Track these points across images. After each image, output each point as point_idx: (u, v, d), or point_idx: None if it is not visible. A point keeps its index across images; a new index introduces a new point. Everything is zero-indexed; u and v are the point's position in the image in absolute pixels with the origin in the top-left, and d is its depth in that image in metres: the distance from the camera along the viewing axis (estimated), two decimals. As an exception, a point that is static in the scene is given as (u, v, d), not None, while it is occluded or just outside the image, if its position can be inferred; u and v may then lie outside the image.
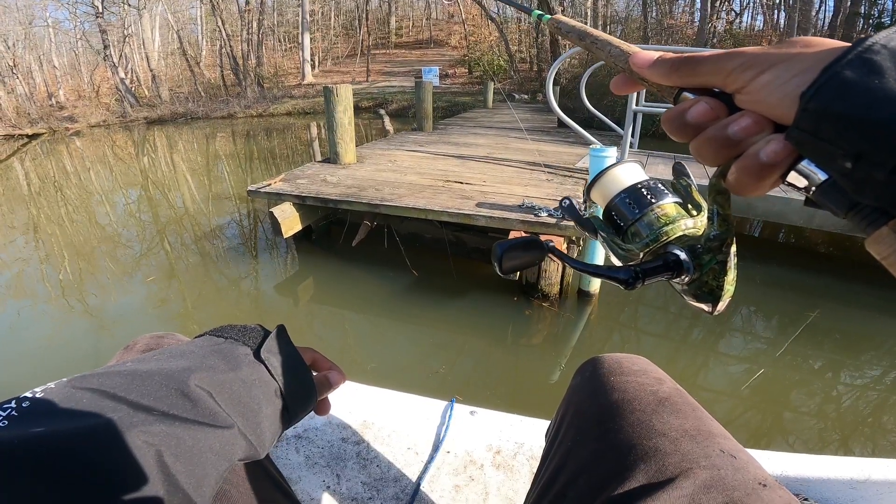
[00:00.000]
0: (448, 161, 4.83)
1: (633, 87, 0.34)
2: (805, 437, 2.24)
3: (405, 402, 0.98)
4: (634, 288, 0.36)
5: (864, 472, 0.77)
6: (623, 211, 0.41)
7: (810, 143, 0.23)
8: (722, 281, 0.35)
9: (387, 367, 2.66)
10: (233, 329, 0.47)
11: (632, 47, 0.34)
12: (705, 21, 14.00)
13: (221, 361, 0.41)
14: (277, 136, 12.27)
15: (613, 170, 0.43)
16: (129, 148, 11.93)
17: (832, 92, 0.21)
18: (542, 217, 3.02)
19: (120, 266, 4.18)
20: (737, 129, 0.26)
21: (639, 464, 0.45)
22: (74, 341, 3.00)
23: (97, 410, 0.33)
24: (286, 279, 3.80)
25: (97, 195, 6.95)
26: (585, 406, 0.56)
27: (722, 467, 0.44)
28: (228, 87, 20.82)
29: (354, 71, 22.08)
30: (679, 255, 0.36)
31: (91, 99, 20.07)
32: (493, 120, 8.83)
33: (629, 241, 0.41)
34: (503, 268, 0.40)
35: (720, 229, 0.34)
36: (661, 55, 0.31)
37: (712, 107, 0.27)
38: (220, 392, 0.39)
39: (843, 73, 0.21)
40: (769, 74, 0.24)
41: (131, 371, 0.37)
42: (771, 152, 0.24)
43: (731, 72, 0.26)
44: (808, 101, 0.22)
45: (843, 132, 0.21)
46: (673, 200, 0.40)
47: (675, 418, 0.50)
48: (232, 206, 5.78)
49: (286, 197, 3.61)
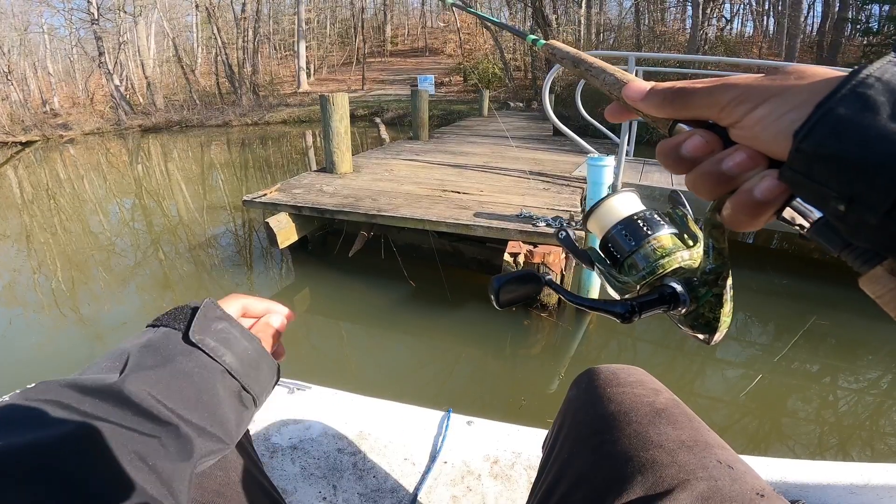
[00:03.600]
0: (445, 170, 4.84)
1: (627, 116, 0.34)
2: (804, 443, 2.25)
3: (402, 413, 0.98)
4: (631, 322, 0.36)
5: (864, 477, 0.77)
6: (619, 243, 0.41)
7: (803, 184, 0.22)
8: (718, 313, 0.35)
9: (384, 377, 2.64)
10: (166, 315, 0.43)
11: (626, 76, 0.33)
12: (697, 28, 14.19)
13: (153, 356, 0.39)
14: (273, 145, 12.26)
15: (609, 200, 0.43)
16: (124, 156, 11.89)
17: (825, 131, 0.21)
18: (540, 227, 3.03)
19: (113, 275, 4.16)
20: (731, 165, 0.25)
21: (636, 475, 0.45)
22: (67, 350, 2.98)
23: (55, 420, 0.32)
24: (282, 290, 3.78)
25: (91, 203, 6.91)
26: (582, 417, 0.57)
27: (719, 478, 0.44)
28: (224, 95, 20.80)
29: (350, 79, 22.14)
30: (675, 287, 0.36)
31: (85, 106, 20.01)
32: (488, 128, 8.86)
33: (626, 274, 0.41)
34: (500, 301, 0.40)
35: (716, 263, 0.34)
36: (653, 87, 0.30)
37: (707, 140, 0.27)
38: (160, 390, 0.36)
39: (837, 110, 0.21)
40: (763, 109, 0.24)
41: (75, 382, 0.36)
42: (765, 189, 0.24)
43: (724, 106, 0.25)
44: (801, 140, 0.22)
45: (835, 174, 0.21)
46: (669, 232, 0.40)
47: (671, 429, 0.50)
48: (227, 216, 5.76)
49: (282, 207, 3.60)
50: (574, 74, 0.39)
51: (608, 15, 21.18)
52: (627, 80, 0.33)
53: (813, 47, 15.42)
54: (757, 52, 17.13)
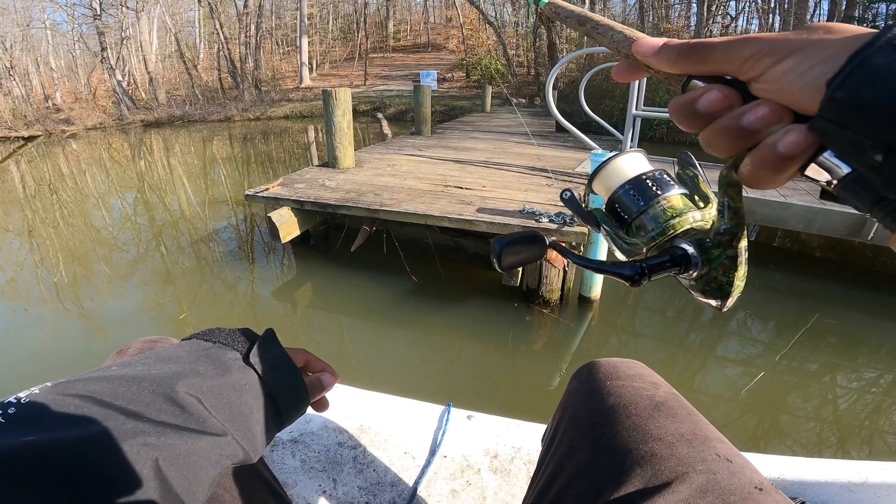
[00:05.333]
0: (447, 165, 4.83)
1: (637, 75, 0.32)
2: (803, 441, 2.25)
3: (402, 407, 0.98)
4: (640, 284, 0.35)
5: (862, 475, 0.77)
6: (627, 203, 0.40)
7: (837, 134, 0.21)
8: (732, 276, 0.34)
9: (385, 371, 2.65)
10: (221, 333, 0.47)
11: (636, 33, 0.32)
12: (701, 25, 14.13)
13: (210, 367, 0.41)
14: (275, 140, 12.27)
15: (617, 160, 0.42)
16: (126, 151, 11.91)
17: (861, 78, 0.20)
18: (543, 223, 3.02)
19: (115, 270, 4.16)
20: (753, 119, 0.24)
21: (635, 468, 0.45)
22: (69, 344, 2.99)
23: (88, 417, 0.32)
24: (283, 284, 3.78)
25: (93, 198, 6.93)
26: (581, 411, 0.56)
27: (718, 472, 0.44)
28: (226, 90, 20.84)
29: (352, 74, 22.13)
30: (687, 249, 0.35)
31: (88, 101, 20.04)
32: (491, 124, 8.85)
33: (634, 235, 0.39)
34: (503, 264, 0.39)
35: (731, 223, 0.32)
36: (666, 41, 0.29)
37: (726, 94, 0.26)
38: (210, 398, 0.38)
39: (873, 59, 0.20)
40: (790, 62, 0.23)
41: (118, 376, 0.36)
42: (790, 143, 0.23)
43: (746, 59, 0.24)
44: (836, 89, 0.21)
45: (873, 122, 0.20)
46: (679, 192, 0.39)
47: (671, 423, 0.50)
48: (228, 211, 5.77)
49: (284, 202, 3.60)
50: (580, 33, 0.37)
51: (612, 11, 21.12)
52: (637, 36, 0.31)
53: None
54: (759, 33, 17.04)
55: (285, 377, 0.46)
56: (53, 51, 23.35)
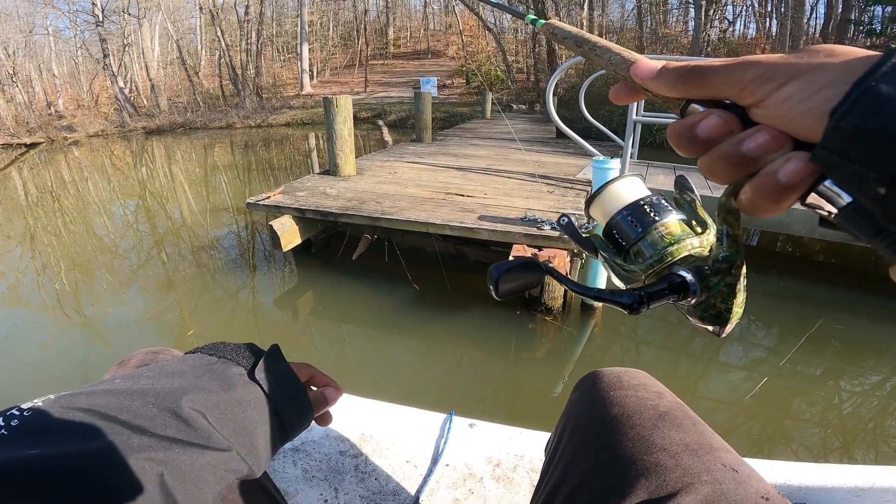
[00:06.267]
0: (448, 173, 4.85)
1: (635, 97, 0.32)
2: (809, 445, 2.24)
3: (403, 415, 0.98)
4: (639, 313, 0.35)
5: (868, 480, 0.77)
6: (625, 229, 0.39)
7: (840, 165, 0.21)
8: (730, 304, 0.34)
9: (387, 380, 2.64)
10: (226, 347, 0.47)
11: (633, 55, 0.32)
12: (699, 30, 14.18)
13: (215, 382, 0.41)
14: (276, 147, 12.31)
15: (614, 185, 0.41)
16: (127, 158, 11.95)
17: (867, 108, 0.19)
18: (545, 230, 3.02)
19: (117, 277, 4.17)
20: (753, 146, 0.24)
21: (639, 479, 0.45)
22: (70, 351, 2.99)
23: (93, 431, 0.33)
24: (285, 292, 3.78)
25: (95, 205, 6.94)
26: (585, 420, 0.56)
27: (723, 482, 0.43)
28: (227, 97, 20.95)
29: (353, 81, 22.24)
30: (685, 276, 0.34)
31: (90, 108, 20.14)
32: (492, 131, 8.88)
33: (632, 262, 0.39)
34: (500, 291, 0.38)
35: (729, 251, 0.32)
36: (665, 64, 0.29)
37: (725, 120, 0.25)
38: (214, 413, 0.39)
39: (879, 86, 0.19)
40: (791, 87, 0.22)
41: (122, 390, 0.37)
42: (791, 172, 0.22)
43: (747, 84, 0.24)
44: (841, 118, 0.20)
45: (878, 153, 0.19)
46: (677, 218, 0.39)
47: (675, 433, 0.49)
48: (230, 218, 5.77)
49: (285, 210, 3.60)
50: (578, 54, 0.36)
51: (610, 17, 21.24)
52: (635, 58, 0.31)
53: None
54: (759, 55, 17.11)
55: (290, 393, 0.47)
56: (56, 57, 23.47)
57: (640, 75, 0.30)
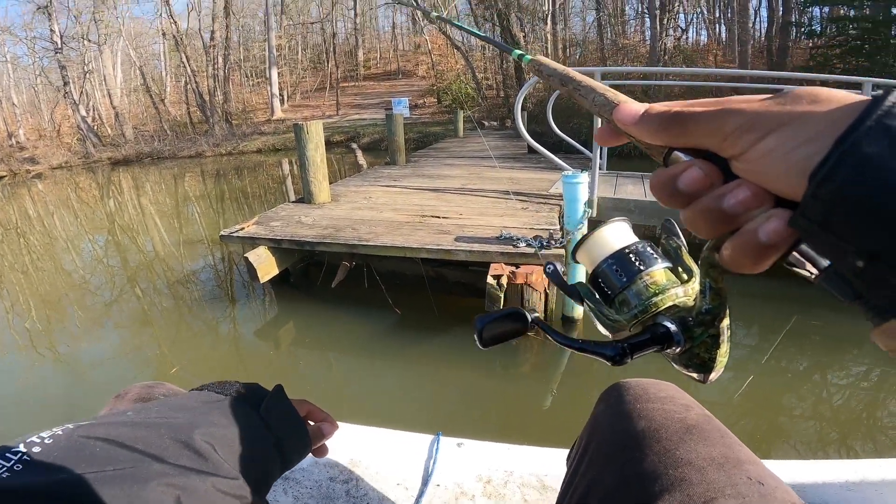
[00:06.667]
0: (423, 195, 4.88)
1: (619, 140, 0.31)
2: (805, 440, 2.30)
3: (391, 439, 0.99)
4: (622, 364, 0.35)
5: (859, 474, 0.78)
6: (610, 278, 0.39)
7: (817, 235, 0.20)
8: (714, 354, 0.34)
9: (374, 405, 2.63)
10: (232, 386, 0.51)
11: (618, 96, 0.31)
12: (656, 39, 14.71)
13: (223, 417, 0.45)
14: (248, 175, 12.18)
15: (600, 232, 0.41)
16: (94, 190, 11.67)
17: (848, 173, 0.18)
18: (521, 247, 3.07)
19: (89, 313, 4.08)
20: (734, 203, 0.23)
21: (664, 494, 0.45)
22: (45, 388, 2.94)
23: (114, 459, 0.35)
24: (265, 323, 3.74)
25: (62, 241, 6.76)
26: (610, 434, 0.56)
27: (748, 495, 0.43)
28: (195, 124, 20.61)
29: (324, 104, 22.21)
30: (669, 327, 0.34)
31: (52, 139, 19.59)
32: (465, 149, 8.98)
33: (617, 311, 0.39)
34: (484, 341, 0.39)
35: (713, 304, 0.32)
36: (647, 109, 0.28)
37: (706, 173, 0.24)
38: (223, 445, 0.42)
39: (862, 147, 0.18)
40: (771, 140, 0.21)
41: (137, 422, 0.40)
42: (771, 232, 0.22)
43: (727, 135, 0.23)
44: (819, 185, 0.19)
45: (857, 225, 0.18)
46: (663, 266, 0.38)
47: (702, 446, 0.49)
48: (205, 250, 5.68)
49: (260, 241, 3.57)
50: (563, 93, 0.36)
51: (573, 30, 21.89)
52: (619, 100, 0.30)
53: (763, 52, 15.99)
54: (713, 60, 17.75)
55: (291, 428, 0.52)
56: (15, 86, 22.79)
57: (623, 120, 0.29)
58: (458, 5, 22.94)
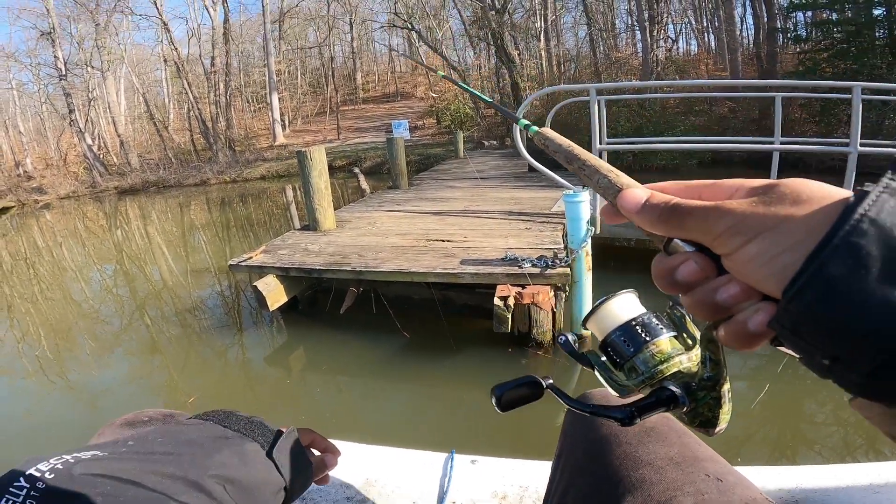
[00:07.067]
0: (427, 219, 4.93)
1: (622, 220, 0.33)
2: (831, 445, 2.30)
3: (405, 458, 0.99)
4: (632, 425, 0.38)
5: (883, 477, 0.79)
6: (619, 348, 0.42)
7: (790, 339, 0.23)
8: (717, 412, 0.37)
9: (387, 427, 2.65)
10: (239, 420, 0.51)
11: (622, 179, 0.32)
12: (647, 51, 14.85)
13: (234, 457, 0.45)
14: (253, 202, 12.27)
15: (608, 305, 0.44)
16: (101, 220, 11.81)
17: (814, 294, 0.21)
18: (526, 268, 3.10)
19: (99, 342, 4.15)
20: (725, 297, 0.26)
21: (626, 496, 0.47)
22: (55, 416, 2.98)
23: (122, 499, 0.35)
24: (275, 350, 3.77)
25: (71, 271, 6.85)
26: (578, 441, 0.59)
27: (706, 492, 0.45)
28: (199, 151, 20.76)
29: (325, 129, 22.41)
30: (675, 391, 0.38)
31: (59, 168, 19.83)
32: (466, 170, 9.02)
33: (627, 377, 0.42)
34: (502, 406, 0.44)
35: (713, 372, 0.36)
36: (649, 198, 0.30)
37: (701, 267, 0.27)
38: (233, 487, 0.43)
39: (828, 268, 0.21)
40: (756, 245, 0.24)
41: (143, 455, 0.41)
42: (758, 323, 0.24)
43: (718, 235, 0.26)
44: (790, 301, 0.22)
45: (820, 335, 0.21)
46: (668, 336, 0.41)
47: (660, 447, 0.52)
48: (212, 278, 5.75)
49: (269, 269, 3.63)
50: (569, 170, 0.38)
51: (566, 46, 22.21)
52: (622, 184, 0.32)
53: (753, 59, 16.04)
54: (704, 69, 17.80)
55: (300, 473, 0.52)
56: (21, 113, 23.05)
57: (626, 208, 0.31)
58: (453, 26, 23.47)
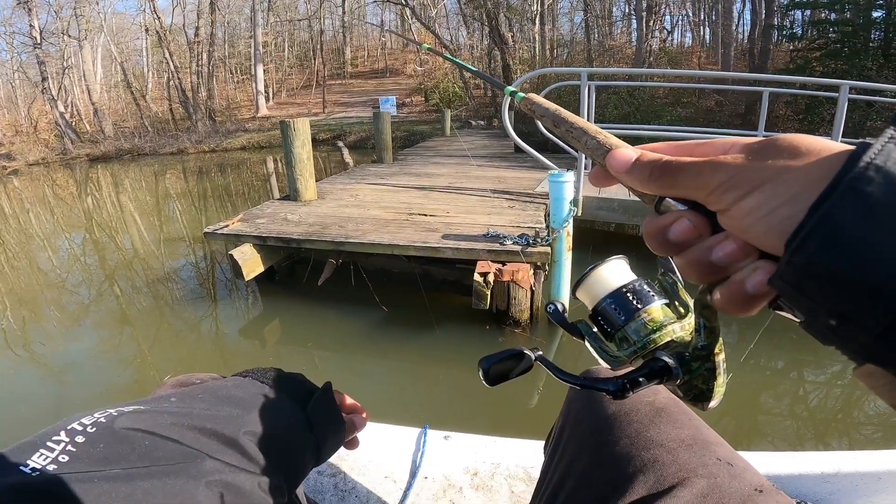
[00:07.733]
0: (410, 193, 4.86)
1: (612, 182, 0.31)
2: (784, 437, 2.35)
3: (379, 432, 1.00)
4: (624, 398, 0.36)
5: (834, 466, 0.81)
6: (610, 317, 0.40)
7: (792, 296, 0.21)
8: (712, 385, 0.35)
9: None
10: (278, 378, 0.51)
11: (610, 139, 0.30)
12: (642, 41, 14.90)
13: (269, 413, 0.45)
14: (232, 172, 12.00)
15: (598, 271, 0.42)
16: (71, 187, 11.42)
17: (818, 243, 0.19)
18: (507, 245, 3.08)
19: (67, 313, 4.00)
20: (721, 255, 0.24)
21: (638, 475, 0.46)
22: (22, 389, 2.88)
23: (162, 454, 0.35)
24: (250, 322, 3.68)
25: (38, 239, 6.59)
26: (583, 418, 0.57)
27: (718, 475, 0.45)
28: (178, 121, 20.24)
29: (310, 102, 22.00)
30: (668, 362, 0.35)
31: (29, 135, 19.11)
32: (451, 148, 8.98)
33: (618, 347, 0.40)
34: (490, 379, 0.40)
35: (707, 340, 0.34)
36: (639, 157, 0.28)
37: (695, 225, 0.25)
38: (268, 445, 0.42)
39: (833, 215, 0.19)
40: (753, 199, 0.22)
41: (182, 414, 0.40)
42: (757, 283, 0.23)
43: (712, 190, 0.24)
44: (793, 253, 0.20)
45: (827, 291, 0.19)
46: (660, 303, 0.39)
47: (671, 428, 0.51)
48: (186, 248, 5.59)
49: (245, 238, 3.52)
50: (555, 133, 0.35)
51: (561, 31, 22.06)
52: (611, 145, 0.30)
53: (745, 55, 16.26)
54: (696, 62, 18.10)
55: (334, 431, 0.52)
56: (-8, 81, 22.22)
57: (615, 167, 0.29)
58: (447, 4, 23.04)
